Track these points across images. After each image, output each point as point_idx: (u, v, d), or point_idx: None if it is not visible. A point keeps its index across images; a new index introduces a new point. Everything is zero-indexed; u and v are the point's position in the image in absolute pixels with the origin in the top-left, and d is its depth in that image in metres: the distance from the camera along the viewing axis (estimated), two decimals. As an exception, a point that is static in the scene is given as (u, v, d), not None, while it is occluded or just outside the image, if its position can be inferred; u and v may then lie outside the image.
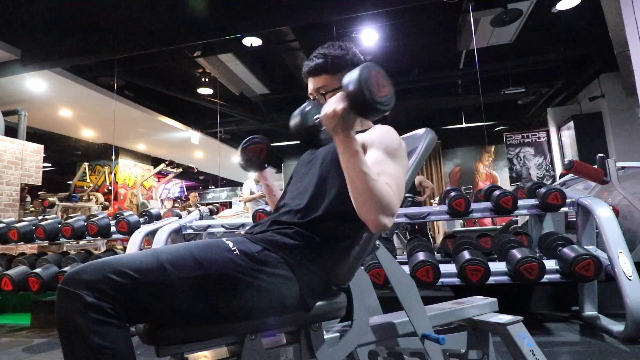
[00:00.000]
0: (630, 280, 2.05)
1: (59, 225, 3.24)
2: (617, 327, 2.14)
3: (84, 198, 7.69)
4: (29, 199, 6.38)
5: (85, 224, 3.21)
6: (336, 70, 1.11)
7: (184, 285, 0.80)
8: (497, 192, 2.61)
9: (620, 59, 5.06)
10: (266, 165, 1.31)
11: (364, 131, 1.10)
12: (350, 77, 0.83)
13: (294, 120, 0.93)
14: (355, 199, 0.87)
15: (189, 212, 6.25)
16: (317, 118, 0.90)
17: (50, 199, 6.43)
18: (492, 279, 2.26)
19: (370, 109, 0.82)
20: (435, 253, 2.83)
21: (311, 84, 1.15)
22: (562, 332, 2.33)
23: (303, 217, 0.99)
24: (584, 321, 2.44)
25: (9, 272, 2.90)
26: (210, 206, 3.84)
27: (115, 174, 9.17)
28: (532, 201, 2.64)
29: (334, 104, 0.84)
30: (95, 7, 4.38)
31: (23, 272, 2.90)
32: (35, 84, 5.68)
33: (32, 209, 6.39)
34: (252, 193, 5.62)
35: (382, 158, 0.97)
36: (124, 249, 3.75)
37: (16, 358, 2.32)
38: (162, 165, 8.65)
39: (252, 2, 4.26)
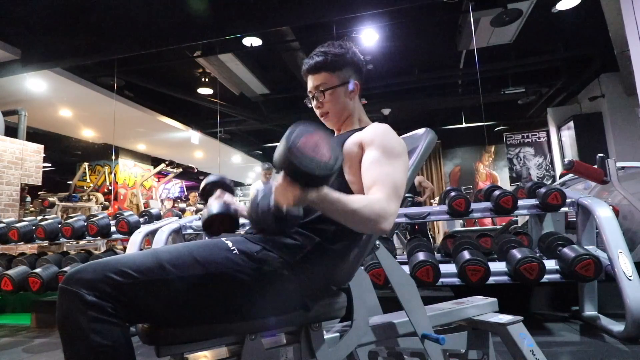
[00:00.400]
0: (630, 280, 2.05)
1: (59, 225, 3.24)
2: (617, 327, 2.14)
3: (84, 198, 7.69)
4: (29, 199, 6.37)
5: (85, 224, 3.21)
6: (336, 68, 1.12)
7: (184, 284, 0.81)
8: (497, 192, 2.62)
9: (620, 59, 5.06)
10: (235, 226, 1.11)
11: (361, 129, 1.10)
12: (282, 159, 0.73)
13: (251, 213, 0.83)
14: (352, 228, 0.87)
15: (198, 210, 6.28)
16: (272, 206, 0.80)
17: (50, 199, 6.43)
18: (492, 279, 2.26)
19: (324, 177, 0.75)
20: (435, 253, 2.83)
21: (310, 82, 1.15)
22: (562, 332, 2.33)
23: (303, 218, 0.99)
24: (584, 321, 2.44)
25: (9, 272, 2.90)
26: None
27: (115, 174, 9.17)
28: (532, 201, 2.64)
29: (287, 192, 0.76)
30: (95, 7, 4.38)
31: (23, 272, 2.90)
32: (35, 84, 5.68)
33: (32, 209, 6.38)
34: None
35: (379, 158, 0.97)
36: (124, 249, 3.75)
37: (16, 358, 2.32)
38: (162, 165, 8.65)
39: (252, 2, 4.25)
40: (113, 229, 3.19)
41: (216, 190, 1.10)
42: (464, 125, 8.41)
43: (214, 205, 1.02)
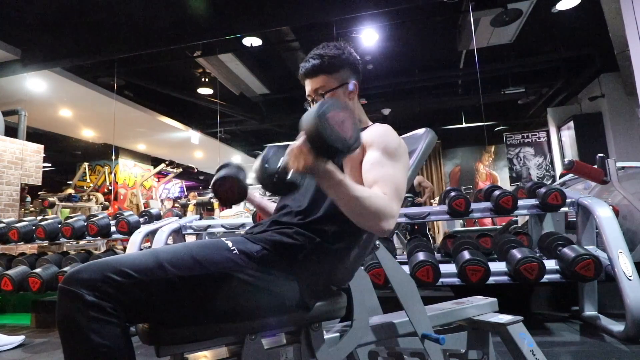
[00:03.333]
0: (630, 280, 2.05)
1: (59, 225, 3.24)
2: (617, 327, 2.14)
3: (84, 198, 7.68)
4: (29, 199, 6.37)
5: (85, 224, 3.21)
6: (333, 70, 1.11)
7: (183, 284, 0.81)
8: (497, 192, 2.61)
9: (620, 59, 5.06)
10: (245, 195, 1.17)
11: (362, 129, 1.09)
12: (309, 124, 0.77)
13: (256, 170, 0.86)
14: (353, 219, 0.86)
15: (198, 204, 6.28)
16: (281, 166, 0.83)
17: (50, 199, 6.43)
18: (492, 279, 2.26)
19: (341, 152, 0.78)
20: (435, 253, 2.83)
21: (309, 86, 1.14)
22: (562, 332, 2.33)
23: (303, 218, 0.99)
24: (584, 321, 2.44)
25: (9, 272, 2.90)
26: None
27: (115, 174, 9.17)
28: (532, 201, 2.64)
29: (301, 157, 0.78)
30: (95, 7, 4.38)
31: (23, 272, 2.90)
32: (35, 84, 5.68)
33: (32, 209, 6.38)
34: None
35: (381, 159, 0.97)
36: (124, 249, 3.75)
37: (16, 358, 2.32)
38: (162, 165, 8.65)
39: (252, 2, 4.25)
40: (113, 229, 3.19)
41: (227, 184, 1.13)
42: (464, 125, 8.41)
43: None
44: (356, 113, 1.17)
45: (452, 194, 2.67)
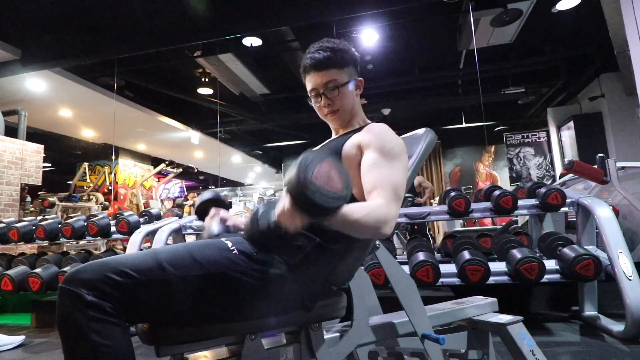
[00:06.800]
0: (630, 280, 2.05)
1: (59, 225, 3.24)
2: (617, 327, 2.14)
3: (84, 198, 7.68)
4: (29, 199, 6.37)
5: (85, 224, 3.21)
6: (344, 64, 1.10)
7: (183, 284, 0.81)
8: (497, 192, 2.61)
9: (620, 59, 5.06)
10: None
11: (360, 129, 1.09)
12: (295, 191, 0.72)
13: (250, 229, 0.83)
14: (356, 236, 0.88)
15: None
16: (272, 223, 0.79)
17: (50, 199, 6.43)
18: (492, 279, 2.26)
19: (337, 207, 0.76)
20: (435, 253, 2.83)
21: (317, 79, 1.09)
22: (562, 332, 2.33)
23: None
24: (584, 321, 2.44)
25: (9, 272, 2.90)
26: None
27: (115, 174, 9.17)
28: (532, 201, 2.64)
29: (294, 219, 0.76)
30: (95, 7, 4.37)
31: (23, 272, 2.90)
32: (35, 84, 5.68)
33: (32, 209, 6.38)
34: None
35: (378, 160, 0.97)
36: (124, 249, 3.75)
37: (16, 358, 2.32)
38: (162, 165, 8.65)
39: (252, 2, 4.25)
40: (113, 229, 3.19)
41: (211, 208, 1.13)
42: (464, 125, 8.41)
43: (213, 226, 1.06)
44: (360, 111, 1.17)
45: (452, 194, 2.67)
